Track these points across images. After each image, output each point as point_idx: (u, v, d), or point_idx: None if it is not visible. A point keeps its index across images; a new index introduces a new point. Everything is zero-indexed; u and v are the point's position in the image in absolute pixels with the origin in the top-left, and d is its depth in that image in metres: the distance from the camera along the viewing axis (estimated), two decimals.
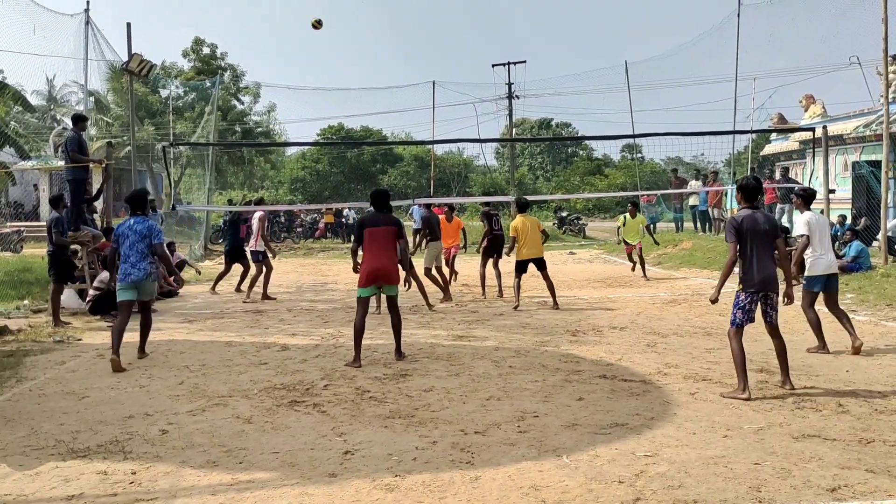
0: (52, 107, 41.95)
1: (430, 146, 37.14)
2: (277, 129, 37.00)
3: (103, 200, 12.71)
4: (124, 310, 7.57)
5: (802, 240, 7.57)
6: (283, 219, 27.90)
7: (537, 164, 57.48)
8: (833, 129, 17.14)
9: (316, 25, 12.62)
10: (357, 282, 7.60)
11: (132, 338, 7.84)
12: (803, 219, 7.67)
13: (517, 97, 32.71)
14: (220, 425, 5.35)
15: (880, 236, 14.07)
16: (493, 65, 33.27)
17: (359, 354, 7.28)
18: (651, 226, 18.86)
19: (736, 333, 6.02)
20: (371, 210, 7.93)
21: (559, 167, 55.42)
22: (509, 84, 32.42)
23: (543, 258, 11.35)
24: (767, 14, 22.65)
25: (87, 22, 19.71)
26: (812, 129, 15.09)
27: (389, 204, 8.01)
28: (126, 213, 7.88)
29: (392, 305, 7.64)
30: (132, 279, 7.52)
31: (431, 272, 12.02)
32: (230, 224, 13.71)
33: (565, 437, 4.96)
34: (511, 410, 5.61)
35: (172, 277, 10.52)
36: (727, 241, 6.13)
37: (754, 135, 24.74)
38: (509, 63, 32.03)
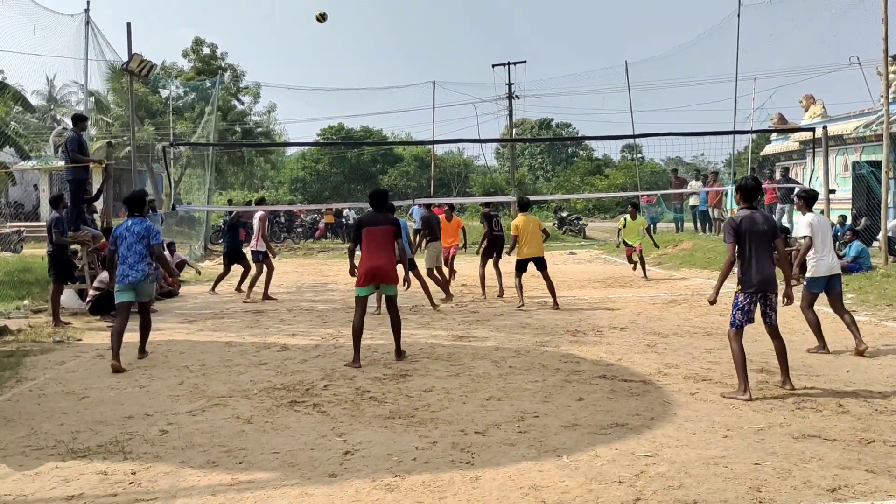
0: (53, 107, 41.99)
1: (431, 146, 37.12)
2: (277, 130, 37.08)
3: (103, 200, 12.69)
4: (122, 311, 7.55)
5: (805, 241, 7.57)
6: (284, 219, 27.90)
7: (537, 165, 57.44)
8: (833, 130, 17.13)
9: (320, 18, 12.58)
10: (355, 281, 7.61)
11: (132, 338, 7.83)
12: (806, 220, 7.67)
13: (517, 97, 32.69)
14: (220, 425, 5.35)
15: (880, 236, 14.08)
16: (494, 65, 33.29)
17: (358, 354, 7.28)
18: (651, 227, 18.85)
19: (736, 334, 6.03)
20: (370, 210, 7.94)
21: (559, 167, 55.40)
22: (509, 84, 32.42)
23: (544, 258, 11.37)
24: (767, 14, 22.71)
25: (88, 22, 19.74)
26: (812, 130, 15.08)
27: (388, 204, 8.01)
28: (125, 214, 7.86)
29: (391, 305, 7.63)
30: (130, 280, 7.50)
31: (433, 272, 12.04)
32: (229, 227, 13.71)
33: (565, 438, 4.96)
34: (511, 410, 5.60)
35: (172, 278, 10.49)
36: (726, 242, 6.12)
37: (754, 135, 24.75)
38: (509, 63, 32.03)
